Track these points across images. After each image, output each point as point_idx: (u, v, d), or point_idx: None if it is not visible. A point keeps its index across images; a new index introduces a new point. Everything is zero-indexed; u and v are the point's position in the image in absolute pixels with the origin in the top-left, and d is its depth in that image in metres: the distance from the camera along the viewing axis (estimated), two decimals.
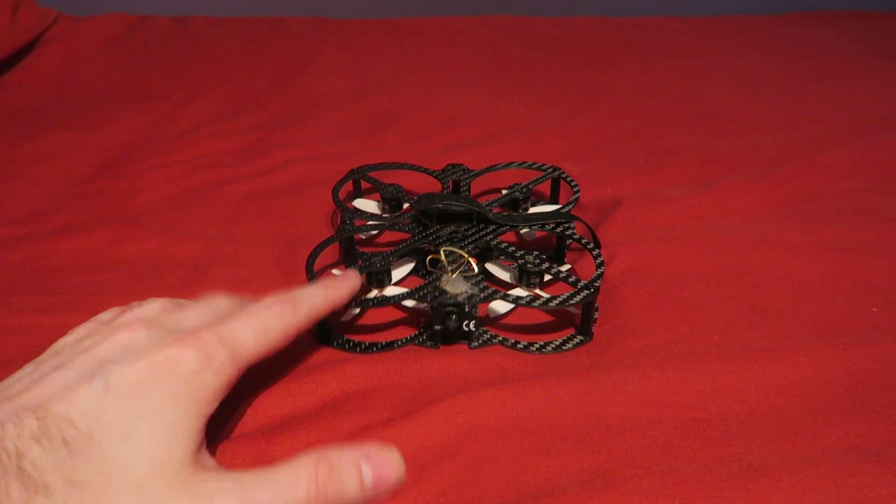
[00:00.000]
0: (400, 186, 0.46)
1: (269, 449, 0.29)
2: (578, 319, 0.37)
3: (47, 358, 0.27)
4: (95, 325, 0.29)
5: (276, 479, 0.24)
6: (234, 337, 0.27)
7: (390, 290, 0.38)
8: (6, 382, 0.26)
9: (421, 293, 0.35)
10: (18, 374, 0.26)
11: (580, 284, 0.35)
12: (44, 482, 0.21)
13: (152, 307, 0.29)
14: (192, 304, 0.30)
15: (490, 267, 0.41)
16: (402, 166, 0.49)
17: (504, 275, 0.40)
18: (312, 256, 0.37)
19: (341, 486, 0.24)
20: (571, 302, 0.34)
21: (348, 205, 0.46)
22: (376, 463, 0.25)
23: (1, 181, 0.54)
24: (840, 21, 1.03)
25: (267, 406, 0.31)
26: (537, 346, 0.35)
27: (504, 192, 0.46)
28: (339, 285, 0.33)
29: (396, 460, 0.25)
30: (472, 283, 0.36)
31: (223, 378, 0.26)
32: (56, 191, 0.53)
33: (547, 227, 0.41)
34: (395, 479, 0.25)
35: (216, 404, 0.26)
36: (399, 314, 0.39)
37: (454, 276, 0.36)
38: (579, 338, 0.36)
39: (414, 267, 0.41)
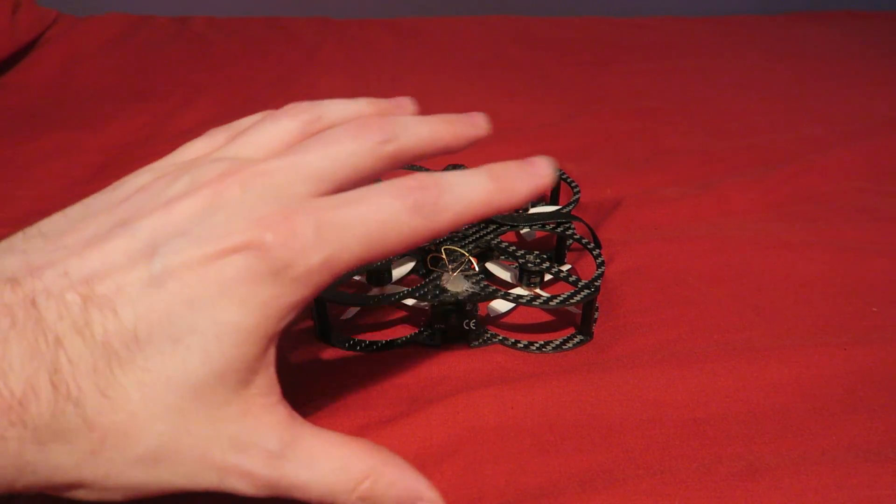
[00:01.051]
0: None
1: None
2: (579, 319, 0.37)
3: (127, 192, 0.22)
4: (198, 157, 0.24)
5: (322, 464, 0.21)
6: (338, 235, 0.20)
7: (391, 289, 0.38)
8: (69, 216, 0.22)
9: (421, 292, 0.35)
10: (84, 209, 0.22)
11: (581, 284, 0.35)
12: (77, 387, 0.18)
13: (275, 134, 0.24)
14: (324, 143, 0.22)
15: (491, 266, 0.41)
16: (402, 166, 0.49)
17: (505, 274, 0.40)
18: None
19: None
20: (572, 301, 0.34)
21: None
22: None
23: (1, 181, 0.54)
24: (840, 21, 1.04)
25: None
26: (538, 345, 0.35)
27: None
28: (519, 182, 0.23)
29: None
30: (472, 282, 0.36)
31: (305, 289, 0.20)
32: (56, 191, 0.53)
33: (547, 227, 0.41)
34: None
35: (287, 322, 0.20)
36: (399, 313, 0.39)
37: (455, 274, 0.36)
38: (579, 337, 0.36)
39: (414, 266, 0.41)
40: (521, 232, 0.45)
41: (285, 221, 0.19)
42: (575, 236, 0.40)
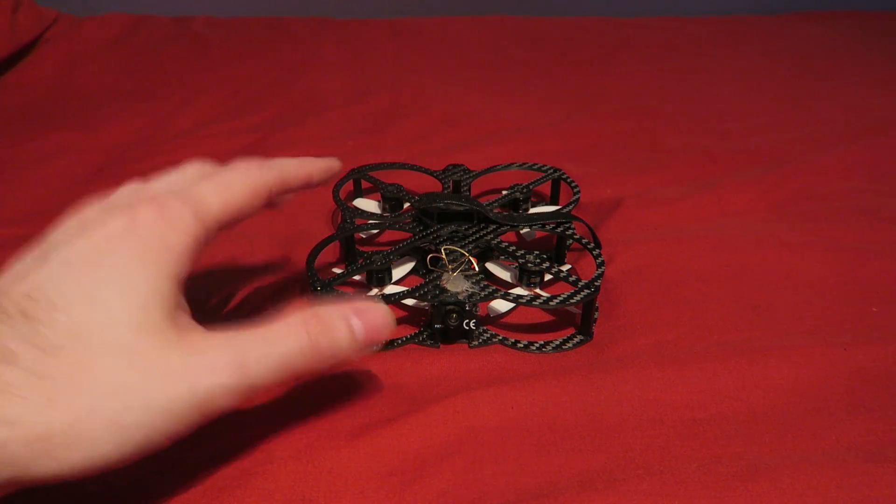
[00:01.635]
0: (401, 186, 0.46)
1: (269, 448, 0.29)
2: (578, 319, 0.37)
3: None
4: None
5: (268, 335, 0.24)
6: (194, 194, 0.25)
7: (391, 289, 0.38)
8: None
9: (421, 292, 0.35)
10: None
11: (581, 284, 0.35)
12: (8, 350, 0.20)
13: (116, 193, 0.28)
14: (159, 177, 0.28)
15: (490, 266, 0.41)
16: (402, 166, 0.49)
17: (504, 274, 0.40)
18: (312, 255, 0.37)
19: (333, 338, 0.25)
20: (572, 301, 0.34)
21: (349, 204, 0.46)
22: (365, 316, 0.25)
23: (1, 181, 0.54)
24: (840, 21, 1.03)
25: (266, 405, 0.31)
26: (537, 345, 0.35)
27: (504, 192, 0.46)
28: (316, 161, 0.32)
29: (384, 312, 0.26)
30: (472, 282, 0.36)
31: (187, 235, 0.24)
32: (56, 191, 0.53)
33: (547, 228, 0.41)
34: (386, 330, 0.26)
35: (186, 265, 0.24)
36: (399, 313, 0.39)
37: (455, 274, 0.36)
38: (579, 337, 0.36)
39: (414, 266, 0.41)
40: (521, 232, 0.45)
41: (150, 199, 0.24)
42: (575, 236, 0.40)
